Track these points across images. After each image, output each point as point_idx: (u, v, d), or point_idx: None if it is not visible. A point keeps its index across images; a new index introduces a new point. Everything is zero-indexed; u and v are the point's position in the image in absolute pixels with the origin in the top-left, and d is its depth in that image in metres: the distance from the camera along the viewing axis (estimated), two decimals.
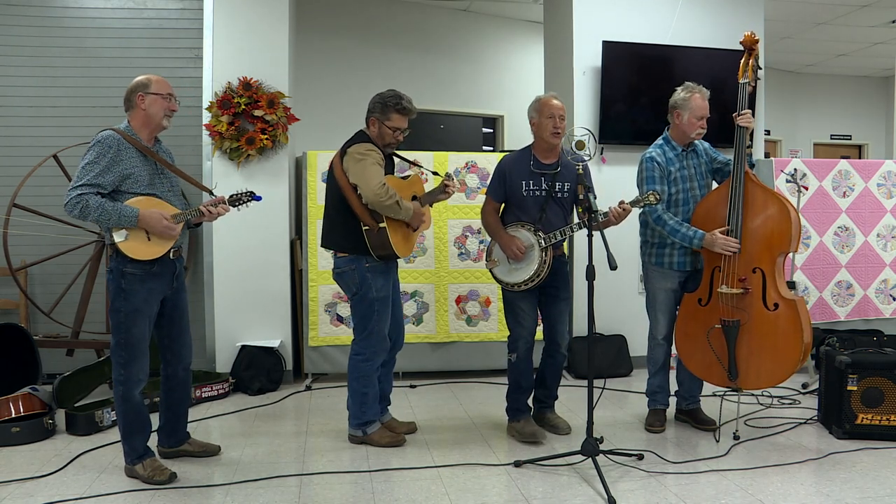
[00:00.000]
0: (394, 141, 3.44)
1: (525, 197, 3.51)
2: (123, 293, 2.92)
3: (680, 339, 3.61)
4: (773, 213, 3.39)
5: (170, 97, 3.05)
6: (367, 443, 3.49)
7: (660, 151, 3.59)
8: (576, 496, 2.86)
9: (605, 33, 5.06)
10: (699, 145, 3.69)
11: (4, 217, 4.38)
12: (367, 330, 3.43)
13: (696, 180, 3.62)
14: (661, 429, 3.68)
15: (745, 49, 3.56)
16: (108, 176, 2.86)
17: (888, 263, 5.34)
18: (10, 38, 4.71)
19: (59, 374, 4.06)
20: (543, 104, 3.50)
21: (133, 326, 2.94)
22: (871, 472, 3.09)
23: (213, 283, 4.70)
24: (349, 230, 3.36)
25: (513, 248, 3.43)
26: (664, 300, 3.66)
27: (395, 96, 3.38)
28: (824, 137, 10.75)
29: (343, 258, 3.42)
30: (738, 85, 3.52)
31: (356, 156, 3.30)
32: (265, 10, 4.73)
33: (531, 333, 3.59)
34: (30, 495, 2.88)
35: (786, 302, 3.36)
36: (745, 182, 3.42)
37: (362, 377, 3.46)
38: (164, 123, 3.06)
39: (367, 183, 3.23)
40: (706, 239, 3.40)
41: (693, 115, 3.55)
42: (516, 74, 7.86)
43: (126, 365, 2.96)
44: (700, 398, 3.82)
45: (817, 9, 7.36)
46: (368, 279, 3.38)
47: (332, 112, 6.64)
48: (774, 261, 3.40)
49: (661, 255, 3.63)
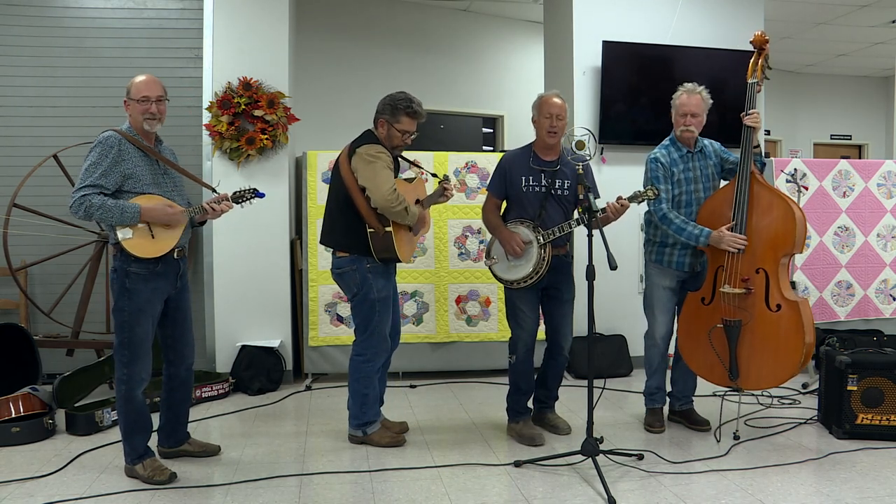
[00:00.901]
0: (402, 144, 3.42)
1: (524, 193, 3.52)
2: (127, 293, 2.93)
3: (682, 337, 3.61)
4: (779, 214, 3.38)
5: (146, 100, 2.96)
6: (368, 443, 3.49)
7: (665, 153, 3.58)
8: (576, 496, 2.86)
9: (605, 33, 5.06)
10: (709, 146, 3.66)
11: (4, 217, 4.38)
12: (368, 331, 3.42)
13: (702, 182, 3.60)
14: (661, 428, 3.68)
15: (755, 48, 3.54)
16: (111, 176, 2.87)
17: (888, 263, 5.34)
18: (10, 38, 4.71)
19: (59, 374, 4.06)
20: (543, 102, 3.53)
21: (136, 326, 2.94)
22: (870, 472, 3.09)
23: (213, 283, 4.70)
24: (352, 230, 3.34)
25: (512, 245, 3.44)
26: (662, 298, 3.65)
27: (405, 99, 3.36)
28: (824, 137, 10.75)
29: (344, 258, 3.40)
30: (747, 84, 3.50)
31: (366, 157, 3.27)
32: (265, 10, 4.73)
33: (530, 336, 3.59)
34: (30, 495, 2.89)
35: (788, 303, 3.35)
36: (750, 182, 3.41)
37: (363, 378, 3.45)
38: (144, 127, 2.99)
39: (379, 187, 3.21)
40: (713, 236, 3.39)
41: (676, 112, 3.57)
42: (516, 74, 7.86)
43: (129, 364, 2.96)
44: (693, 399, 3.82)
45: (817, 9, 7.36)
46: (369, 280, 3.37)
47: (332, 112, 6.65)
48: (778, 262, 3.39)
49: (661, 252, 3.63)
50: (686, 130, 3.54)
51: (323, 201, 4.75)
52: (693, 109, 3.53)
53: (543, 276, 3.45)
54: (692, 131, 3.55)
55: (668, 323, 3.68)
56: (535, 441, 3.50)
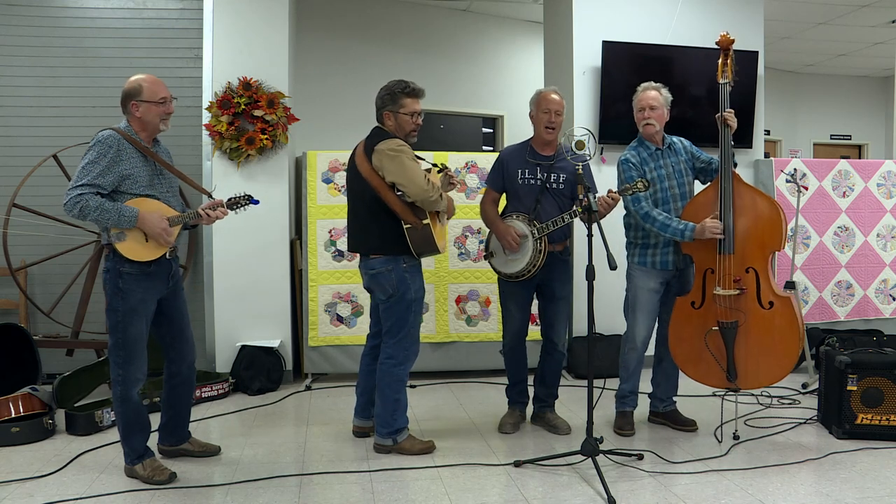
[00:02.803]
0: (414, 126, 3.32)
1: (520, 185, 3.56)
2: (121, 293, 2.92)
3: (675, 344, 3.57)
4: (763, 212, 3.42)
5: (164, 101, 3.00)
6: (398, 452, 3.33)
7: (634, 153, 3.58)
8: (575, 496, 2.86)
9: (605, 33, 5.06)
10: (678, 143, 3.67)
11: (4, 217, 4.38)
12: (402, 332, 3.31)
13: (675, 178, 3.58)
14: (632, 431, 3.65)
15: (721, 50, 3.57)
16: (108, 176, 2.86)
17: (888, 263, 5.35)
18: (10, 38, 4.71)
19: (59, 374, 4.06)
20: (541, 98, 3.57)
21: (130, 326, 2.93)
22: (870, 472, 3.09)
23: (212, 284, 4.70)
24: (386, 230, 3.24)
25: (508, 239, 3.47)
26: (646, 301, 3.61)
27: (399, 82, 3.31)
28: (824, 137, 10.75)
29: (378, 259, 3.28)
30: (719, 85, 3.52)
31: (389, 153, 3.18)
32: (265, 10, 4.73)
33: (514, 334, 3.68)
34: (30, 495, 2.89)
35: (780, 299, 3.39)
36: (733, 181, 3.43)
37: (395, 382, 3.32)
38: (161, 127, 3.04)
39: (413, 180, 3.14)
40: (697, 229, 3.39)
41: (635, 109, 3.60)
42: (516, 74, 7.86)
43: (124, 365, 2.95)
44: (675, 399, 3.81)
45: (817, 9, 7.36)
46: (407, 280, 3.28)
47: (332, 112, 6.65)
48: (767, 259, 3.43)
49: (644, 254, 3.61)
50: (647, 124, 3.54)
51: (323, 201, 4.79)
52: (650, 102, 3.53)
53: (540, 269, 3.47)
54: (653, 124, 3.54)
55: (649, 327, 3.65)
56: (503, 429, 3.68)
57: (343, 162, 4.79)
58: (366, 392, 3.55)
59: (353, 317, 4.80)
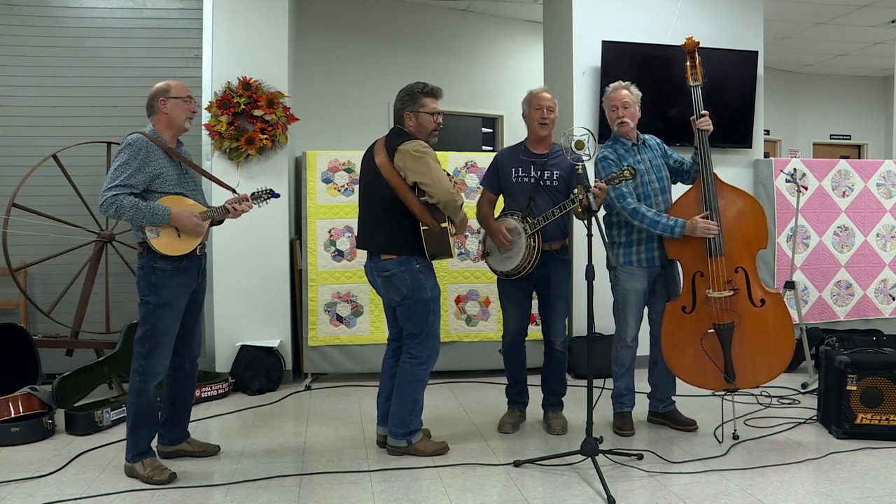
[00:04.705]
0: (435, 126, 3.33)
1: (514, 183, 3.60)
2: (154, 287, 3.00)
3: (668, 349, 3.55)
4: (748, 211, 3.45)
5: (189, 99, 3.14)
6: (412, 453, 3.30)
7: (610, 150, 3.58)
8: (575, 496, 2.86)
9: (605, 33, 5.07)
10: (650, 139, 3.68)
11: (4, 217, 4.38)
12: (423, 332, 3.28)
13: (654, 173, 3.58)
14: (631, 432, 3.64)
15: (687, 53, 3.57)
16: (139, 176, 2.96)
17: (888, 263, 5.35)
18: (10, 38, 4.71)
19: (58, 374, 4.06)
20: (533, 97, 3.64)
21: (160, 319, 3.01)
22: (870, 472, 3.09)
23: (213, 283, 4.69)
24: (401, 231, 3.22)
25: (499, 236, 3.51)
26: (634, 302, 3.59)
27: (418, 83, 3.33)
28: (824, 137, 10.74)
29: (390, 260, 3.24)
30: (690, 88, 3.52)
31: (413, 153, 3.16)
32: (265, 10, 4.73)
33: (512, 334, 3.71)
34: (29, 495, 2.89)
35: (770, 296, 3.43)
36: (715, 183, 3.44)
37: (416, 381, 3.29)
38: (185, 125, 3.16)
39: (439, 182, 3.13)
40: (687, 226, 3.38)
41: (608, 109, 3.62)
42: (516, 74, 7.85)
43: (147, 356, 3.01)
44: (675, 399, 3.81)
45: (817, 9, 7.36)
46: (421, 280, 3.25)
47: (332, 112, 6.65)
48: (754, 257, 3.46)
49: (629, 253, 3.58)
50: (621, 122, 3.55)
51: (323, 201, 4.79)
52: (623, 100, 3.54)
53: (536, 267, 3.48)
54: (626, 122, 3.54)
55: (638, 325, 3.64)
56: (501, 428, 3.72)
57: (343, 162, 4.79)
58: (389, 398, 3.41)
59: (353, 317, 4.80)
